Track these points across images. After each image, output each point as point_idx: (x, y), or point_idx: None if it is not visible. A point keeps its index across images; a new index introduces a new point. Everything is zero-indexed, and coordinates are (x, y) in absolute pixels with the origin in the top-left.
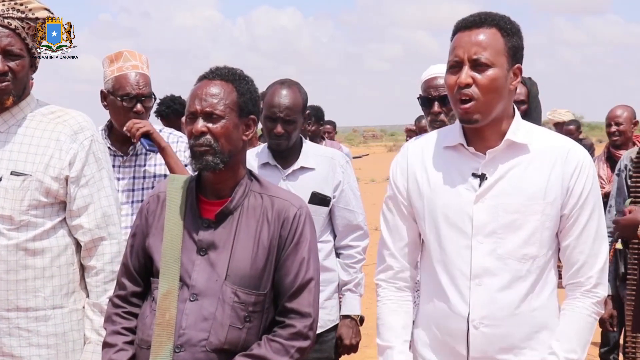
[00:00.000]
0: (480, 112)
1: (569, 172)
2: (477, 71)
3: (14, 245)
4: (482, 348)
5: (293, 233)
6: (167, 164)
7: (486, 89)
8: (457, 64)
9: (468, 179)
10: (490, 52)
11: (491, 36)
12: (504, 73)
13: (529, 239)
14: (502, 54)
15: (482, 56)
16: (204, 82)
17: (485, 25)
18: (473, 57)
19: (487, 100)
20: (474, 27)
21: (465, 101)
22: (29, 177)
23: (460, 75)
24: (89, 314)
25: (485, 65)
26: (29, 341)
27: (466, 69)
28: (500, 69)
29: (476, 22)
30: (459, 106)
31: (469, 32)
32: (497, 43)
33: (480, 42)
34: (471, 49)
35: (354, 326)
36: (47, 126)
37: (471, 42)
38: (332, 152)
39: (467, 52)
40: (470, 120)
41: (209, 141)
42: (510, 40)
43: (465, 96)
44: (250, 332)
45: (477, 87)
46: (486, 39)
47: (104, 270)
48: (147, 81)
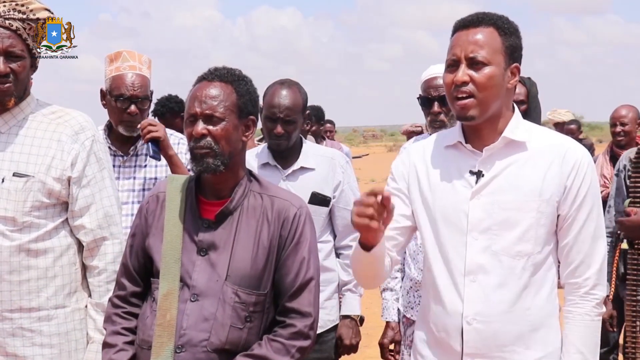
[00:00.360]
0: (476, 108)
1: (566, 170)
2: (474, 69)
3: (17, 246)
4: (476, 345)
5: (293, 233)
6: (174, 172)
7: (483, 87)
8: (455, 62)
9: (465, 176)
10: (487, 51)
11: (488, 35)
12: (501, 71)
13: (523, 236)
14: (499, 52)
15: (478, 54)
16: (203, 84)
17: (483, 25)
18: (470, 55)
19: (483, 98)
20: (472, 26)
21: (462, 98)
22: (31, 179)
23: (457, 73)
24: (91, 314)
25: (482, 64)
26: (32, 341)
27: (463, 67)
28: (497, 68)
29: (474, 22)
30: (455, 103)
31: (466, 31)
32: (495, 42)
33: (477, 40)
34: (468, 47)
35: (354, 326)
36: (49, 127)
37: (468, 41)
38: (332, 152)
39: (465, 51)
40: (466, 117)
41: (209, 143)
42: (508, 40)
43: (462, 93)
44: (251, 332)
45: (474, 84)
46: (483, 37)
47: (106, 270)
48: (143, 83)
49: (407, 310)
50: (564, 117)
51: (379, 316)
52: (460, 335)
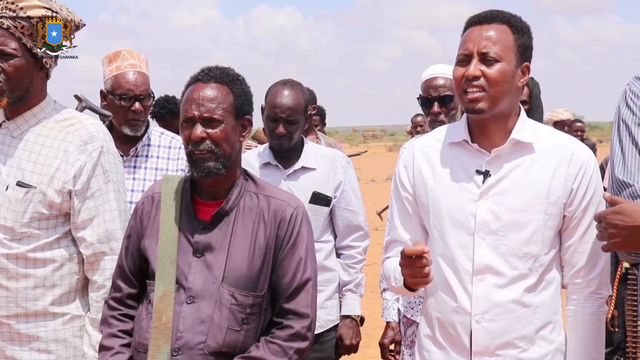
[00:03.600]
0: (486, 102)
1: (573, 172)
2: (485, 65)
3: (15, 254)
4: (484, 343)
5: (290, 233)
6: None
7: (494, 82)
8: (467, 57)
9: (472, 175)
10: (499, 47)
11: (502, 32)
12: (512, 69)
13: (530, 238)
14: (512, 50)
15: (491, 50)
16: (199, 85)
17: (497, 22)
18: (482, 50)
19: (494, 93)
20: (485, 23)
21: (472, 92)
22: (32, 189)
23: (469, 67)
24: (88, 329)
25: (494, 60)
26: (30, 346)
27: (475, 61)
28: (508, 64)
29: (487, 18)
30: (465, 97)
31: (480, 27)
32: (507, 39)
33: (490, 36)
34: (481, 42)
35: (354, 326)
36: (58, 135)
37: (482, 37)
38: (334, 152)
39: (477, 46)
40: (475, 110)
41: (209, 147)
42: (521, 38)
43: (473, 87)
44: (248, 334)
45: (485, 79)
46: (497, 34)
47: (104, 286)
48: (145, 80)
49: (407, 310)
50: (561, 116)
51: (380, 316)
52: (469, 332)
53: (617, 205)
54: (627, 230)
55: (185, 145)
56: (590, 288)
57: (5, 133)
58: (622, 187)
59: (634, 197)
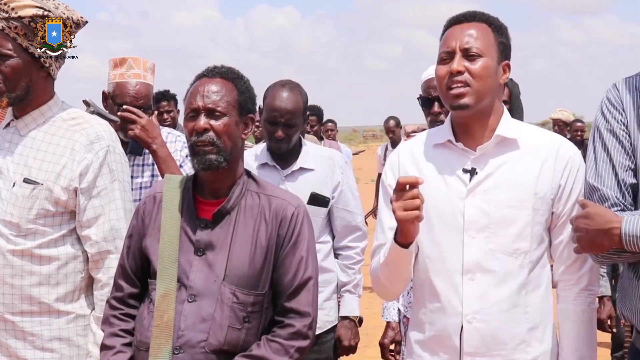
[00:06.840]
0: (471, 97)
1: (560, 168)
2: (468, 60)
3: (20, 251)
4: (475, 343)
5: (291, 232)
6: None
7: (478, 76)
8: (449, 54)
9: (458, 174)
10: (481, 43)
11: (482, 29)
12: (494, 65)
13: (520, 234)
14: (493, 46)
15: (473, 46)
16: (204, 80)
17: (477, 20)
18: (465, 46)
19: (478, 88)
20: (465, 21)
21: (456, 87)
22: (39, 186)
23: (453, 63)
24: (92, 328)
25: (477, 55)
26: (34, 344)
27: (458, 57)
28: (491, 60)
29: (467, 17)
30: (449, 93)
31: (460, 25)
32: (488, 36)
33: (472, 34)
34: (463, 39)
35: (353, 327)
36: (65, 133)
37: (463, 34)
38: (332, 152)
39: (459, 42)
40: (460, 105)
41: (211, 138)
42: (500, 37)
43: (457, 83)
44: (249, 332)
45: (469, 74)
46: (477, 31)
47: (109, 284)
48: (147, 92)
49: (407, 310)
50: (560, 115)
51: (379, 316)
52: (459, 333)
53: (585, 209)
54: (590, 233)
55: (189, 137)
56: (580, 285)
57: (14, 131)
58: (593, 191)
59: (603, 200)
